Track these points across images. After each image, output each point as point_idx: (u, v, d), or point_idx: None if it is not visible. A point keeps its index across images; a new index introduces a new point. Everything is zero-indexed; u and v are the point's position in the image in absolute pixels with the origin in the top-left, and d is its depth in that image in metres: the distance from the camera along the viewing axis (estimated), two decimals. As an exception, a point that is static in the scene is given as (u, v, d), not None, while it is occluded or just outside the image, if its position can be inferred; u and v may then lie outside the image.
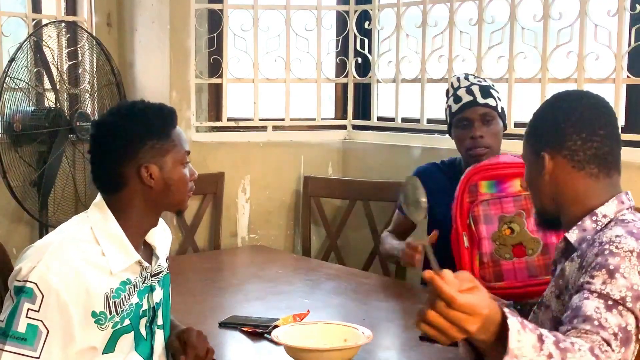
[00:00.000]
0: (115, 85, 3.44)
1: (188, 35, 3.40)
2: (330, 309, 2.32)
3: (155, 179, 1.70)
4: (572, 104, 1.64)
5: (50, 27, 3.25)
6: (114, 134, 1.70)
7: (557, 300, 1.61)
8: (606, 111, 1.65)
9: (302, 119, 3.67)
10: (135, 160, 1.68)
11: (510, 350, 1.28)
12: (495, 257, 2.25)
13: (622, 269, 1.45)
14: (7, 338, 1.52)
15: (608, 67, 2.71)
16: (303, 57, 3.58)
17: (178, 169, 1.73)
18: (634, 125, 2.74)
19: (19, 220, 3.33)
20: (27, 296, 1.54)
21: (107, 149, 1.71)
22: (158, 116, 1.73)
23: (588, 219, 1.59)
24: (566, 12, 2.81)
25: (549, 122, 1.64)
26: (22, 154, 3.15)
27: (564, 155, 1.60)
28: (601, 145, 1.61)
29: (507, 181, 2.32)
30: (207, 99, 3.62)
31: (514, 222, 2.28)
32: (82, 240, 1.64)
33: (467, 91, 2.54)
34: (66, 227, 1.70)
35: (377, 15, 3.49)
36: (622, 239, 1.48)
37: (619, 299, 1.43)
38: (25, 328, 1.52)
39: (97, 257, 1.64)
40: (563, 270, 1.60)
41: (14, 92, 3.09)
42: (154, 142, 1.69)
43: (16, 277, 1.57)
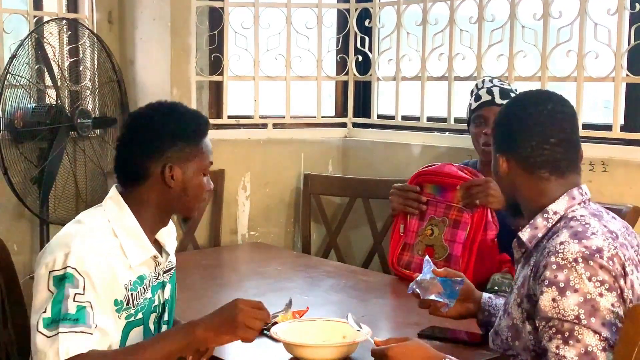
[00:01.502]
0: (116, 82, 3.45)
1: (189, 33, 3.40)
2: (329, 306, 2.32)
3: (176, 180, 1.73)
4: (528, 110, 1.67)
5: (52, 24, 3.26)
6: (149, 127, 1.74)
7: (518, 309, 1.64)
8: (563, 117, 1.67)
9: (302, 116, 3.67)
10: (162, 157, 1.72)
11: None
12: (413, 250, 2.56)
13: (571, 282, 1.49)
14: (60, 322, 1.52)
15: (608, 65, 2.71)
16: (303, 54, 3.58)
17: (199, 176, 1.76)
18: (633, 124, 2.74)
19: (19, 216, 3.34)
20: (69, 282, 1.56)
21: (138, 140, 1.75)
22: (194, 121, 1.77)
23: (539, 216, 1.64)
24: (566, 11, 2.81)
25: (504, 127, 1.70)
26: (23, 150, 3.15)
27: (517, 160, 1.67)
28: (553, 153, 1.65)
29: (448, 190, 2.53)
30: (207, 97, 3.63)
31: (437, 226, 2.54)
32: (102, 232, 1.68)
33: (488, 91, 2.64)
34: (84, 218, 1.73)
35: (378, 13, 3.49)
36: (565, 246, 1.52)
37: (574, 319, 1.48)
38: (76, 310, 1.54)
39: (117, 250, 1.67)
40: (524, 278, 1.63)
41: (15, 89, 3.09)
42: (184, 145, 1.73)
43: (53, 268, 1.58)
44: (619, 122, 2.71)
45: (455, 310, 1.88)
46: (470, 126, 2.70)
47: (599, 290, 1.49)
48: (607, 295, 1.49)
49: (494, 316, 1.87)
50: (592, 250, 1.52)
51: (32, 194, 3.19)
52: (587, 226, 1.57)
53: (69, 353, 1.50)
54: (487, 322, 1.89)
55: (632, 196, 2.54)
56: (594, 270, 1.50)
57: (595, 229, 1.56)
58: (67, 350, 1.50)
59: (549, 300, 1.51)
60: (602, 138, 2.75)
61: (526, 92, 1.79)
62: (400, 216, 2.63)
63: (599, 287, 1.49)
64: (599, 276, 1.50)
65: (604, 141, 2.74)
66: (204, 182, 1.78)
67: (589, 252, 1.51)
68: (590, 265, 1.50)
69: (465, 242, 2.44)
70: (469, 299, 1.91)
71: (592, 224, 1.58)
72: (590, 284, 1.49)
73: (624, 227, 1.66)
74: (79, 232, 1.65)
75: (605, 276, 1.50)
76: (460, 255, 2.45)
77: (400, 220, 2.63)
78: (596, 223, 1.58)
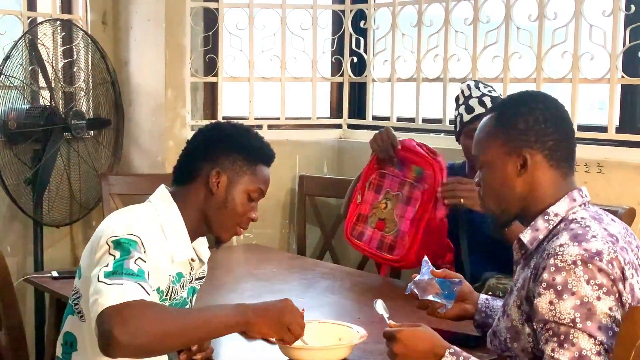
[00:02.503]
0: (110, 83, 3.44)
1: (183, 34, 3.39)
2: (324, 307, 2.32)
3: (220, 188, 1.76)
4: (545, 104, 1.67)
5: (46, 25, 3.25)
6: (213, 134, 1.82)
7: (518, 310, 1.64)
8: (566, 115, 1.70)
9: (297, 117, 3.67)
10: (215, 162, 1.76)
11: None
12: (367, 221, 2.60)
13: (569, 284, 1.49)
14: (123, 274, 1.50)
15: (603, 67, 2.71)
16: (298, 56, 3.58)
17: (243, 195, 1.78)
18: (628, 125, 2.74)
19: (13, 218, 3.33)
20: (133, 246, 1.55)
21: (200, 143, 1.81)
22: (257, 144, 1.81)
23: (540, 218, 1.64)
24: (561, 12, 2.81)
25: (528, 121, 1.64)
26: (17, 152, 3.14)
27: (545, 155, 1.63)
28: (571, 144, 1.67)
29: (409, 165, 2.56)
30: (202, 98, 3.62)
31: (390, 200, 2.58)
32: (153, 222, 1.70)
33: (480, 102, 2.54)
34: (135, 208, 1.75)
35: (373, 15, 3.49)
36: (565, 248, 1.52)
37: (569, 322, 1.48)
38: (137, 269, 1.52)
39: (163, 242, 1.69)
40: (524, 280, 1.62)
41: (8, 90, 3.08)
42: (240, 159, 1.77)
43: (113, 235, 1.57)
44: (614, 124, 2.71)
45: (452, 311, 1.88)
46: (462, 138, 2.60)
47: (597, 294, 1.49)
48: (605, 299, 1.49)
49: (491, 318, 1.86)
50: (592, 253, 1.51)
51: (26, 195, 3.18)
52: (587, 229, 1.56)
53: (131, 297, 1.46)
54: (484, 323, 1.89)
55: (627, 198, 2.54)
56: (593, 273, 1.49)
57: (596, 232, 1.55)
58: (131, 294, 1.46)
59: (546, 302, 1.51)
60: (598, 139, 2.75)
61: (520, 93, 1.78)
62: (358, 187, 2.66)
63: (597, 290, 1.49)
64: (598, 279, 1.49)
65: (599, 142, 2.74)
66: (247, 205, 1.79)
67: (588, 255, 1.50)
68: (589, 269, 1.49)
69: (414, 218, 2.47)
70: (467, 300, 1.90)
71: (593, 227, 1.57)
72: (589, 287, 1.49)
73: (623, 228, 1.65)
74: (134, 217, 1.67)
75: (603, 280, 1.49)
76: (407, 232, 2.49)
77: (358, 190, 2.65)
78: (596, 226, 1.58)
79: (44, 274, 2.66)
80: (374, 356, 1.84)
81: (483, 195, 1.73)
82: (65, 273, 2.65)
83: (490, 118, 1.72)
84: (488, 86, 2.62)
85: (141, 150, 3.56)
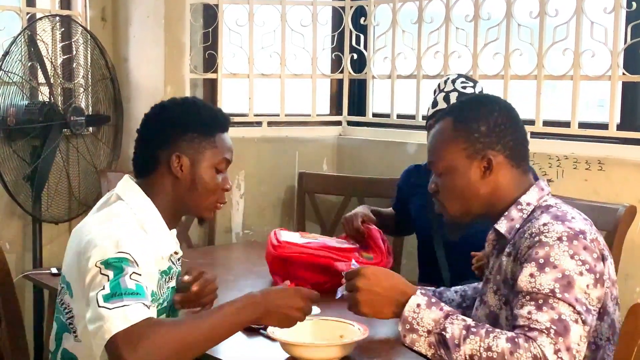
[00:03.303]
0: (109, 79, 3.43)
1: (183, 30, 3.38)
2: (326, 304, 2.31)
3: (184, 171, 1.71)
4: (500, 106, 1.74)
5: (45, 21, 3.23)
6: (162, 116, 1.74)
7: (494, 296, 1.67)
8: (517, 111, 1.76)
9: (297, 114, 3.66)
10: (172, 146, 1.70)
11: (403, 316, 1.58)
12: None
13: (552, 257, 1.53)
14: (123, 295, 1.45)
15: (604, 64, 2.71)
16: (298, 52, 3.57)
17: (210, 171, 1.73)
18: (629, 122, 2.74)
19: (12, 214, 3.32)
20: (125, 263, 1.51)
21: (151, 130, 1.74)
22: (208, 114, 1.75)
23: (514, 208, 1.68)
24: (562, 9, 2.81)
25: (489, 124, 1.69)
26: (16, 148, 3.13)
27: (506, 155, 1.69)
28: (526, 143, 1.75)
29: (365, 249, 2.48)
30: (202, 94, 3.61)
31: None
32: (134, 226, 1.64)
33: (445, 98, 2.46)
34: (110, 214, 1.66)
35: (373, 11, 3.48)
36: (549, 226, 1.57)
37: (549, 292, 1.51)
38: (135, 286, 1.48)
39: (148, 242, 1.65)
40: (500, 266, 1.65)
41: (7, 86, 3.07)
42: (195, 135, 1.71)
43: (102, 257, 1.51)
44: (615, 121, 2.71)
45: None
46: (428, 134, 2.50)
47: (580, 269, 1.53)
48: (586, 275, 1.53)
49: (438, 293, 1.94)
50: (577, 231, 1.56)
51: (25, 191, 3.17)
52: (565, 212, 1.62)
53: (136, 318, 1.43)
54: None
55: (628, 195, 2.54)
56: (578, 249, 1.54)
57: (574, 215, 1.62)
58: (135, 315, 1.43)
59: (526, 275, 1.54)
60: (599, 137, 2.75)
61: (473, 98, 1.90)
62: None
63: (580, 266, 1.53)
64: (582, 256, 1.54)
65: (600, 140, 2.74)
66: (217, 178, 1.75)
67: (573, 232, 1.55)
68: (575, 245, 1.54)
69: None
70: None
71: (569, 211, 1.63)
72: (573, 261, 1.53)
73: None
74: (117, 226, 1.60)
75: (587, 257, 1.54)
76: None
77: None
78: (572, 210, 1.65)
79: (43, 271, 2.66)
80: (376, 353, 1.83)
81: (444, 200, 1.76)
82: (65, 270, 2.65)
83: (445, 123, 1.74)
84: (469, 82, 2.52)
85: (140, 147, 3.55)
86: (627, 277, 2.52)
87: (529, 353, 1.47)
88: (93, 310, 1.44)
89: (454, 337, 1.52)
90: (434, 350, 1.56)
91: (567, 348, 1.48)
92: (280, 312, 1.61)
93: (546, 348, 1.47)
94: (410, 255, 2.89)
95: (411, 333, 1.59)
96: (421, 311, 1.58)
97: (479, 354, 1.49)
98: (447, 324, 1.54)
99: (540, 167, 2.77)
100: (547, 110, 2.90)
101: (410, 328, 1.59)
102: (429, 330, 1.56)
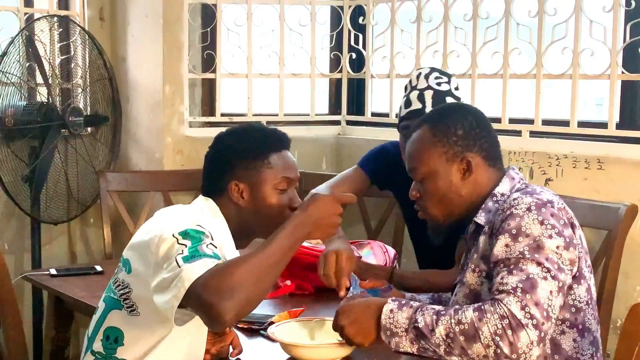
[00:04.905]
0: (107, 79, 3.43)
1: (181, 30, 3.38)
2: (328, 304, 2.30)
3: (245, 198, 1.73)
4: (470, 110, 1.86)
5: (43, 22, 3.23)
6: (218, 149, 1.78)
7: (473, 274, 1.75)
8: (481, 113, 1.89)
9: (295, 114, 3.65)
10: (231, 174, 1.73)
11: (381, 325, 1.62)
12: None
13: (523, 227, 1.62)
14: (202, 256, 1.47)
15: (603, 63, 2.70)
16: (297, 52, 3.56)
17: (272, 193, 1.74)
18: (628, 121, 2.73)
19: (10, 215, 3.31)
20: (204, 234, 1.53)
21: (212, 161, 1.78)
22: (259, 136, 1.77)
23: (489, 200, 1.78)
24: (561, 8, 2.80)
25: (465, 128, 1.79)
26: (14, 149, 3.13)
27: (483, 156, 1.79)
28: (498, 142, 1.84)
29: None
30: (200, 94, 3.61)
31: None
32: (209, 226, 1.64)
33: (419, 96, 2.36)
34: (183, 208, 1.70)
35: (372, 11, 3.47)
36: (519, 199, 1.67)
37: (519, 255, 1.59)
38: (213, 253, 1.49)
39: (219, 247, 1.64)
40: (477, 246, 1.74)
41: (5, 87, 3.07)
42: (248, 161, 1.73)
43: (182, 227, 1.53)
44: (615, 120, 2.70)
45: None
46: (399, 133, 2.44)
47: (549, 233, 1.61)
48: (555, 238, 1.61)
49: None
50: (544, 201, 1.66)
51: (23, 192, 3.16)
52: (535, 188, 1.75)
53: (211, 265, 1.45)
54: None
55: (628, 194, 2.53)
56: (546, 215, 1.63)
57: (543, 190, 1.74)
58: (210, 264, 1.45)
59: (502, 246, 1.63)
60: (598, 136, 2.74)
61: (445, 106, 2.02)
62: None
63: (549, 229, 1.61)
64: (550, 221, 1.63)
65: (599, 139, 2.73)
66: (281, 199, 1.75)
67: (541, 202, 1.65)
68: (543, 212, 1.63)
69: None
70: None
71: (538, 188, 1.75)
72: (542, 227, 1.62)
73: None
74: (194, 214, 1.64)
75: (555, 222, 1.64)
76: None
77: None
78: (541, 187, 1.77)
79: (42, 272, 2.65)
80: (377, 353, 1.83)
81: (427, 205, 1.84)
82: (63, 270, 2.65)
83: (423, 130, 1.84)
84: (443, 76, 2.42)
85: (139, 147, 3.55)
86: (628, 276, 2.51)
87: (496, 315, 1.52)
88: (171, 272, 1.46)
89: (427, 325, 1.58)
90: (417, 345, 1.61)
91: (535, 303, 1.53)
92: (323, 223, 1.59)
93: (512, 305, 1.52)
94: (410, 255, 2.88)
95: (393, 337, 1.63)
96: (394, 315, 1.63)
97: (452, 330, 1.55)
98: (417, 316, 1.60)
99: (540, 166, 2.77)
100: (546, 109, 2.89)
101: (390, 334, 1.63)
102: (405, 329, 1.62)
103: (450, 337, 1.55)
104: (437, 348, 1.57)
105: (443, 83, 2.39)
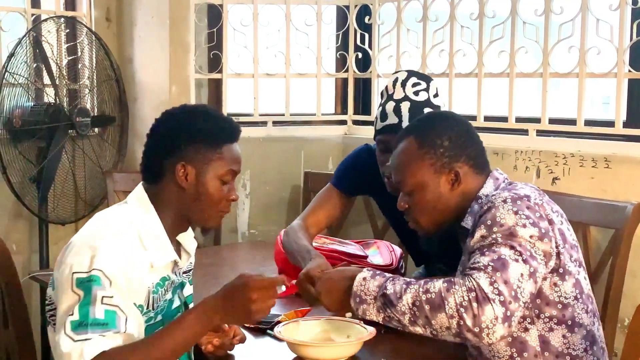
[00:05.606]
0: (114, 80, 3.44)
1: (188, 30, 3.38)
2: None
3: (189, 181, 1.69)
4: (455, 120, 1.86)
5: (50, 23, 3.24)
6: (170, 124, 1.72)
7: (459, 270, 1.77)
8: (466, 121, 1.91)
9: (302, 114, 3.66)
10: (178, 155, 1.68)
11: (352, 292, 1.67)
12: None
13: (498, 217, 1.64)
14: (88, 326, 1.47)
15: (610, 61, 2.70)
16: (303, 52, 3.57)
17: (215, 182, 1.70)
18: (635, 120, 2.72)
19: (18, 216, 3.32)
20: (97, 284, 1.50)
21: (158, 137, 1.72)
22: (216, 124, 1.73)
23: (475, 203, 1.79)
24: (568, 7, 2.79)
25: (451, 138, 1.80)
26: (22, 149, 3.14)
27: (470, 165, 1.80)
28: (483, 149, 1.86)
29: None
30: (206, 94, 3.61)
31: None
32: (127, 233, 1.62)
33: (395, 110, 2.24)
34: (109, 218, 1.67)
35: (378, 10, 3.47)
36: (497, 195, 1.70)
37: (492, 240, 1.61)
38: (104, 314, 1.48)
39: (140, 251, 1.63)
40: (465, 248, 1.75)
41: (13, 88, 3.08)
42: (202, 146, 1.69)
43: (78, 270, 1.52)
44: (622, 119, 2.70)
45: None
46: (375, 146, 2.34)
47: (523, 222, 1.63)
48: (529, 227, 1.62)
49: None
50: (520, 195, 1.68)
51: (31, 193, 3.17)
52: (516, 184, 1.78)
53: (93, 354, 1.45)
54: None
55: (635, 193, 2.52)
56: (521, 207, 1.65)
57: (525, 186, 1.76)
58: (91, 351, 1.45)
59: (478, 237, 1.64)
60: (605, 134, 2.73)
61: (428, 115, 2.00)
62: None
63: (523, 219, 1.63)
64: (525, 212, 1.64)
65: (606, 138, 2.73)
66: (222, 189, 1.72)
67: (517, 196, 1.67)
68: (518, 204, 1.65)
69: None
70: None
71: (520, 185, 1.77)
72: (516, 217, 1.63)
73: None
74: (105, 233, 1.59)
75: (530, 214, 1.64)
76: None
77: None
78: (524, 184, 1.79)
79: (50, 272, 2.64)
80: (383, 353, 1.83)
81: (417, 216, 1.84)
82: (71, 270, 2.65)
83: (409, 142, 1.83)
84: (421, 81, 2.28)
85: (146, 148, 3.56)
86: (635, 274, 2.50)
87: (464, 287, 1.54)
88: (61, 334, 1.48)
89: (395, 292, 1.61)
90: (383, 313, 1.64)
91: (504, 281, 1.55)
92: (236, 311, 1.56)
93: (481, 280, 1.54)
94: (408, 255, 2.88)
95: (362, 304, 1.66)
96: (366, 282, 1.66)
97: (419, 298, 1.57)
98: (388, 284, 1.63)
99: (547, 165, 2.76)
100: (553, 108, 2.89)
101: (360, 300, 1.66)
102: (375, 297, 1.64)
103: (416, 305, 1.58)
104: (402, 317, 1.60)
105: (421, 91, 2.26)
